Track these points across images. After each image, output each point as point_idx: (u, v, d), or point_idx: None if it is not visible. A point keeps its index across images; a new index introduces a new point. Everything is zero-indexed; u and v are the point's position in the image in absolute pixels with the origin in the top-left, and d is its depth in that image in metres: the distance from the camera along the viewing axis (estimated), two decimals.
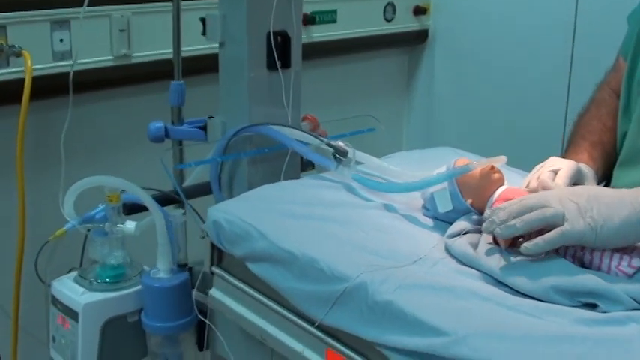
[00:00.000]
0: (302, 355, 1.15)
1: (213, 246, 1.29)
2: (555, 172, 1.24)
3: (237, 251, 1.23)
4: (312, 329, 1.14)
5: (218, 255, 1.30)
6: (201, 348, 1.44)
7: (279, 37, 1.51)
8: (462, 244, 1.15)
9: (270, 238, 1.17)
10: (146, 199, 1.35)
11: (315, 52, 2.34)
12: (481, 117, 2.68)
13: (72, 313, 1.38)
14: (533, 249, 1.06)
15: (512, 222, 1.06)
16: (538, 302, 1.04)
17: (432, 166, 1.30)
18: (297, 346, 1.17)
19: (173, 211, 1.43)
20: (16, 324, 1.74)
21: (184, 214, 1.42)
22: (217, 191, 1.51)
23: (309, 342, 1.15)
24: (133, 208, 1.45)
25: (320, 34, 2.44)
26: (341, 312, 1.09)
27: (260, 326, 1.23)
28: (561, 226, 1.04)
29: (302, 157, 1.60)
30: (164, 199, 1.46)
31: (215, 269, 1.30)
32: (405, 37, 2.74)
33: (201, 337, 1.43)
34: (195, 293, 1.39)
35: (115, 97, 2.02)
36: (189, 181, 1.60)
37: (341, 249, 1.14)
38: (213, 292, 1.31)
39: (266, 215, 1.24)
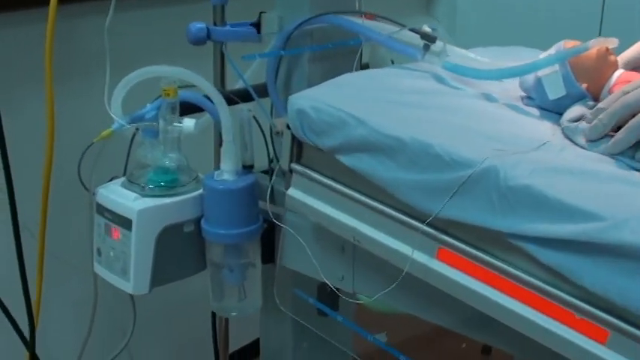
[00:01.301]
0: (410, 258, 1.01)
1: (293, 140, 1.14)
2: None
3: (326, 142, 1.08)
4: (421, 226, 1.00)
5: (297, 150, 1.15)
6: (267, 260, 1.30)
7: None
8: (585, 129, 1.03)
9: (370, 125, 1.03)
10: (210, 90, 1.20)
11: None
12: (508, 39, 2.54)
13: (124, 222, 1.23)
14: None
15: (620, 136, 0.96)
16: None
17: (514, 59, 1.17)
18: (404, 248, 1.03)
19: (239, 105, 1.27)
20: (42, 245, 1.57)
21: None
22: (274, 90, 1.36)
23: (418, 241, 1.01)
24: (185, 109, 1.29)
25: None
26: (462, 202, 0.95)
27: (354, 227, 1.08)
28: None
29: (361, 56, 1.46)
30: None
31: (295, 166, 1.15)
32: None
33: (267, 248, 1.29)
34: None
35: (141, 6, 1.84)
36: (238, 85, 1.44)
37: (455, 134, 1.01)
38: (292, 192, 1.17)
39: (359, 101, 1.09)
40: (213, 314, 1.51)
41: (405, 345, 1.29)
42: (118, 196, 1.24)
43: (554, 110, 1.13)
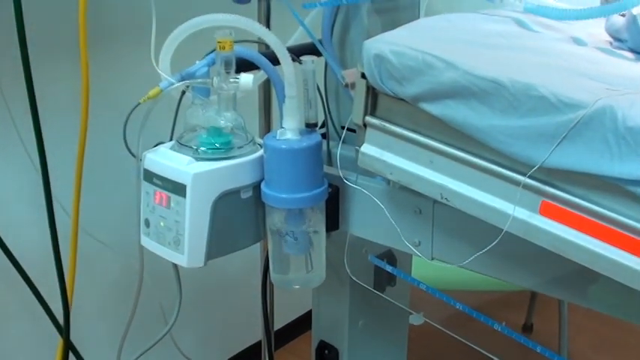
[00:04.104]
0: (511, 215, 0.91)
1: (368, 90, 1.04)
2: None
3: (409, 90, 0.98)
4: (523, 179, 0.90)
5: (372, 102, 1.05)
6: (331, 228, 1.20)
7: None
8: None
9: (461, 67, 0.92)
10: (272, 40, 1.09)
11: None
12: None
13: (177, 188, 1.12)
14: None
15: None
16: None
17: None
18: (502, 204, 0.93)
19: (303, 57, 1.16)
20: (76, 224, 1.48)
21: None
22: (329, 44, 1.26)
23: (518, 195, 0.91)
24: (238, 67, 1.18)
25: None
26: (572, 148, 0.85)
27: (441, 184, 0.98)
28: None
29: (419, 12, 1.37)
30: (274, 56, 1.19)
31: (370, 119, 1.05)
32: None
33: (331, 214, 1.19)
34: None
35: None
36: (290, 43, 1.34)
37: (555, 75, 0.91)
38: (366, 148, 1.06)
39: (443, 44, 0.99)
40: (264, 290, 1.41)
41: (446, 323, 1.20)
42: (168, 160, 1.14)
43: None
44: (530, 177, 0.90)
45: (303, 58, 1.13)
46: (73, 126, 1.43)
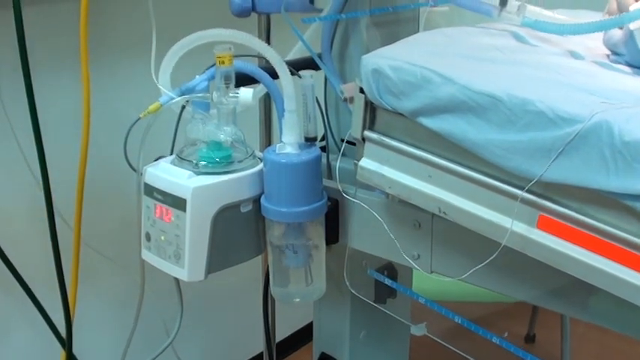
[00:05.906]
0: (509, 229, 0.92)
1: (366, 105, 1.05)
2: None
3: (406, 105, 0.99)
4: (520, 193, 0.91)
5: (370, 117, 1.06)
6: (331, 241, 1.20)
7: None
8: None
9: (459, 82, 0.93)
10: (271, 54, 1.10)
11: None
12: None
13: (177, 202, 1.13)
14: None
15: None
16: None
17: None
18: (499, 218, 0.93)
19: (301, 72, 1.17)
20: (78, 237, 1.48)
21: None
22: (329, 58, 1.27)
23: (516, 209, 0.92)
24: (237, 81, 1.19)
25: None
26: (568, 163, 0.86)
27: (439, 198, 0.99)
28: None
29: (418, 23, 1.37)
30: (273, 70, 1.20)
31: (369, 134, 1.06)
32: None
33: (330, 228, 1.19)
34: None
35: None
36: (290, 56, 1.35)
37: (553, 89, 0.91)
38: (365, 163, 1.07)
39: (441, 58, 0.99)
40: (265, 303, 1.41)
41: (448, 334, 1.21)
42: (169, 174, 1.14)
43: None
44: (527, 191, 0.90)
45: (302, 72, 1.14)
46: (74, 139, 1.43)
